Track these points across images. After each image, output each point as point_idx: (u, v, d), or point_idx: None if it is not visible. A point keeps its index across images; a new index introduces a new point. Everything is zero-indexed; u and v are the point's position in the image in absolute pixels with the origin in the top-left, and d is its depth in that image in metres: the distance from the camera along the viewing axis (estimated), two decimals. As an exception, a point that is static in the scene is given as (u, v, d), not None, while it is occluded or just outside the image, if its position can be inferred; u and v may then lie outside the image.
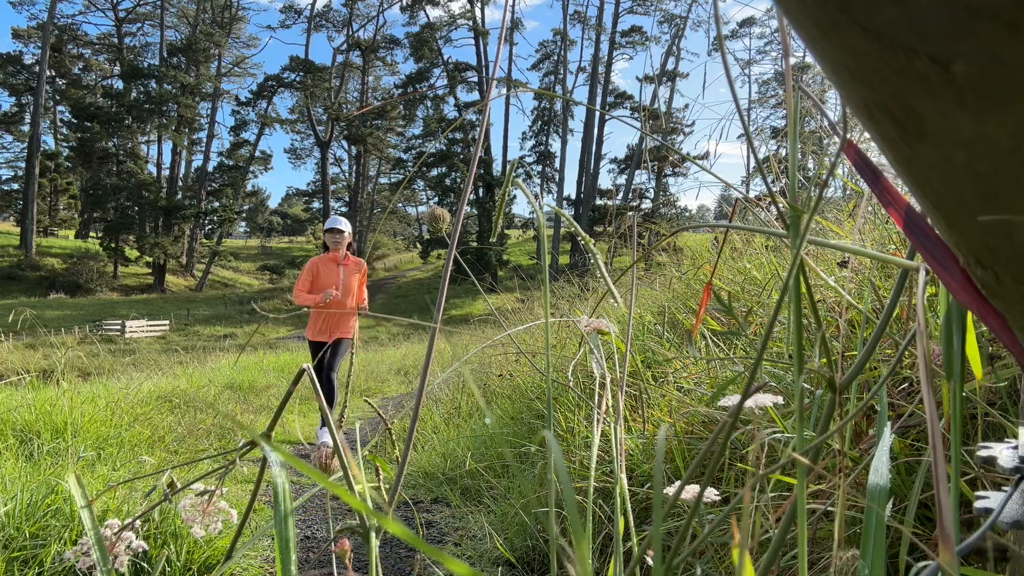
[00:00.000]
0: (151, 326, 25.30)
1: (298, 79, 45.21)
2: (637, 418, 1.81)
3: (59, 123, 46.26)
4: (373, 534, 0.38)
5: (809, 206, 0.33)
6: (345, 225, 4.88)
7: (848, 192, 2.48)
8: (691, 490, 0.56)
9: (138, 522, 0.40)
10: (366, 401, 0.77)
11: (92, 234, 44.15)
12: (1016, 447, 0.38)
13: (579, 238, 0.50)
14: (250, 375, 7.44)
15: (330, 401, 4.67)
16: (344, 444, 0.42)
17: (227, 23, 46.74)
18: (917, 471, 0.93)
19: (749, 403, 0.48)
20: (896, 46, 0.18)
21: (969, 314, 0.37)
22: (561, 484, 0.19)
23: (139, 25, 45.60)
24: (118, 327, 23.86)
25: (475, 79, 43.47)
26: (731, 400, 0.58)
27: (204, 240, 46.19)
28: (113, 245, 39.54)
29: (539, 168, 44.63)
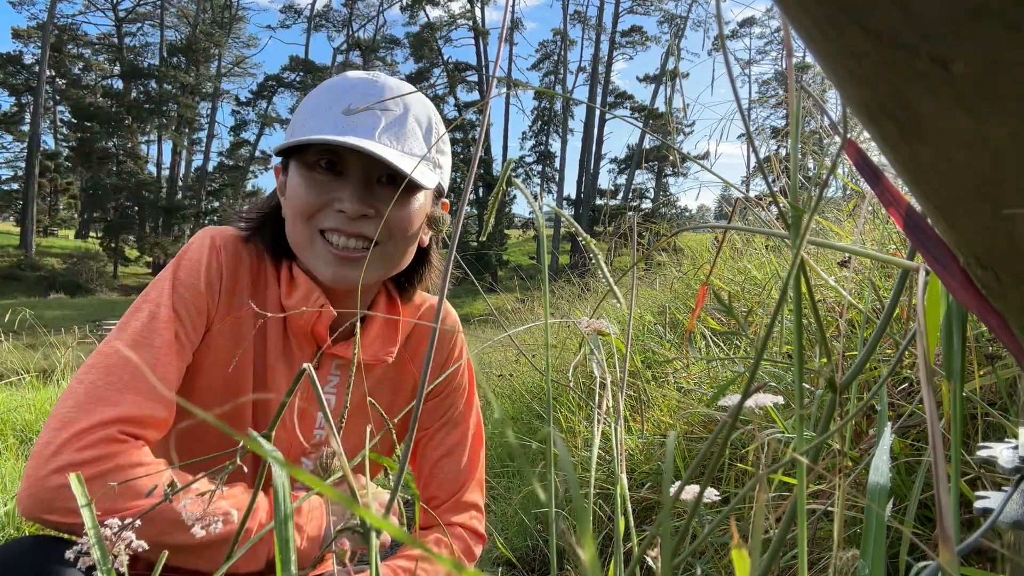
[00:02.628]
0: (151, 326, 25.15)
1: (298, 79, 45.17)
2: (638, 418, 1.81)
3: (59, 123, 46.24)
4: (373, 534, 0.38)
5: (809, 206, 0.33)
6: (418, 112, 0.87)
7: (848, 192, 2.48)
8: (691, 490, 0.56)
9: (138, 522, 0.40)
10: (367, 400, 0.77)
11: (92, 234, 44.14)
12: (1016, 447, 0.38)
13: (579, 238, 0.50)
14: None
15: None
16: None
17: (227, 23, 46.73)
18: (917, 471, 0.93)
19: (750, 403, 0.48)
20: (896, 46, 0.18)
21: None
22: (567, 484, 0.19)
23: (139, 25, 45.58)
24: (118, 327, 23.76)
25: (475, 79, 43.46)
26: (731, 400, 0.58)
27: (204, 240, 46.03)
28: (113, 245, 39.54)
29: (539, 168, 44.62)
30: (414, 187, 0.86)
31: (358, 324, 0.48)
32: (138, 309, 0.82)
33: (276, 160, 0.94)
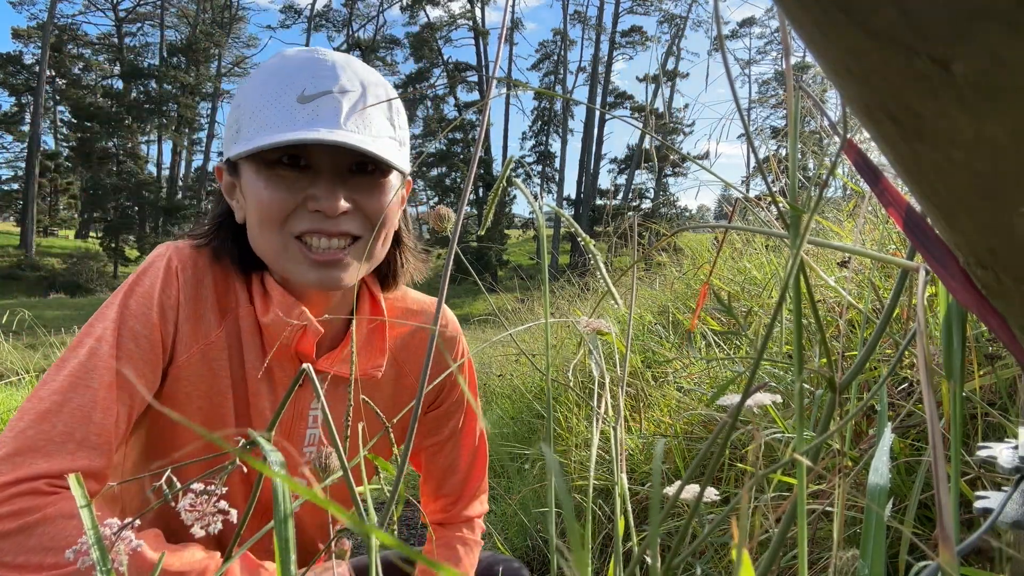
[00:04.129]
0: (151, 326, 25.19)
1: (298, 79, 45.05)
2: (638, 418, 1.81)
3: (59, 123, 46.23)
4: (373, 536, 0.38)
5: (809, 206, 0.33)
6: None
7: (848, 192, 2.48)
8: (691, 490, 0.56)
9: (138, 522, 0.40)
10: (364, 400, 0.76)
11: (92, 234, 44.13)
12: (1016, 447, 0.38)
13: (579, 238, 0.50)
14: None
15: None
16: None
17: (227, 23, 46.73)
18: (917, 471, 0.93)
19: (749, 403, 0.48)
20: (896, 46, 0.18)
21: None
22: (559, 493, 0.19)
23: (139, 25, 45.58)
24: (118, 327, 23.74)
25: (475, 79, 43.46)
26: (731, 400, 0.58)
27: (204, 240, 46.13)
28: (113, 245, 39.57)
29: (539, 168, 44.63)
30: (387, 171, 0.80)
31: (354, 336, 0.47)
32: (80, 344, 0.74)
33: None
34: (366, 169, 0.80)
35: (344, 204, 0.76)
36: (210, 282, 0.82)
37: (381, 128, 0.79)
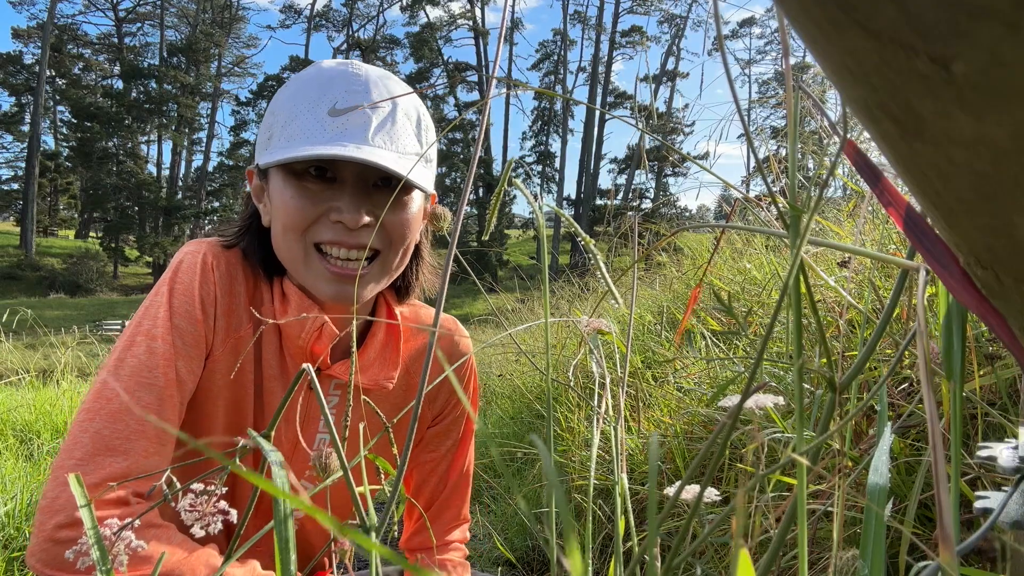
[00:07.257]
0: (151, 326, 25.21)
1: (298, 79, 45.13)
2: (638, 418, 1.81)
3: (59, 123, 46.25)
4: (373, 533, 0.38)
5: (809, 206, 0.33)
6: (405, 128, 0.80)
7: (848, 192, 2.48)
8: (691, 490, 0.56)
9: (138, 522, 0.40)
10: (365, 401, 0.76)
11: (92, 234, 44.15)
12: (1016, 447, 0.38)
13: (579, 238, 0.50)
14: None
15: None
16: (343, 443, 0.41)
17: (227, 23, 46.75)
18: (917, 471, 0.93)
19: (750, 403, 0.48)
20: (896, 45, 0.18)
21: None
22: (554, 493, 0.19)
23: (139, 25, 45.62)
24: (118, 327, 23.85)
25: (475, 79, 43.48)
26: (731, 400, 0.58)
27: (204, 240, 46.21)
28: (113, 245, 39.59)
29: (539, 168, 44.64)
30: (411, 187, 0.81)
31: (354, 345, 0.47)
32: (133, 342, 0.76)
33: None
34: (391, 184, 0.81)
35: (365, 218, 0.77)
36: (241, 278, 0.85)
37: (408, 145, 0.80)
